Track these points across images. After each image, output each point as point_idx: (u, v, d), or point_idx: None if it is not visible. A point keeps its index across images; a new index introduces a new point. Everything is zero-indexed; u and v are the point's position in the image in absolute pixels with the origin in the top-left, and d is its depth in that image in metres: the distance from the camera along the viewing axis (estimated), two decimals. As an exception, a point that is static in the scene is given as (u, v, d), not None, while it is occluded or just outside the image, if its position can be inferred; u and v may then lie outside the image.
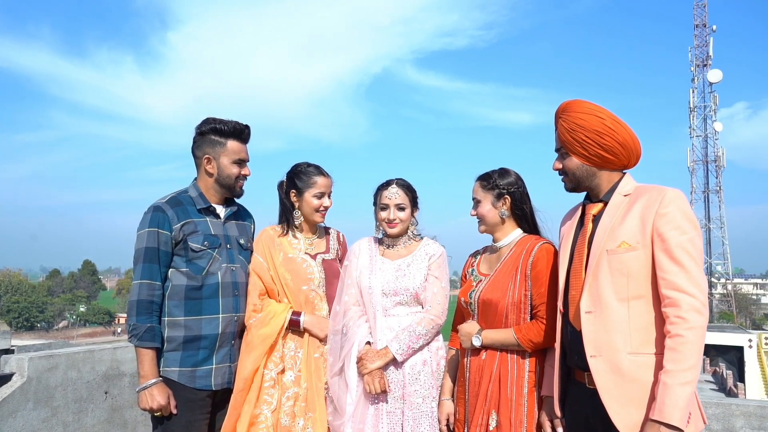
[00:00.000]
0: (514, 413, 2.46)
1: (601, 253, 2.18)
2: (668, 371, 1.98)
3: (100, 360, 3.54)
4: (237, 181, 2.85)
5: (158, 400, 2.57)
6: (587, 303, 2.18)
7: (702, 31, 47.86)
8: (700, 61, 47.95)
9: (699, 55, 47.87)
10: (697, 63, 48.09)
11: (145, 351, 2.60)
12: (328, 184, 3.03)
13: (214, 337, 2.70)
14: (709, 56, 46.84)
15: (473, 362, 2.61)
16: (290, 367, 2.86)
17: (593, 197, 2.35)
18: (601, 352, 2.13)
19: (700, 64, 48.02)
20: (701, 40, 48.01)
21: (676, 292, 2.02)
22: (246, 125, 2.84)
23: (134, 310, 2.62)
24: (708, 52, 47.00)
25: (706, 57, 47.28)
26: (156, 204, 2.73)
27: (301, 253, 3.00)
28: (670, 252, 2.06)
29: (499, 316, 2.55)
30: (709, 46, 46.87)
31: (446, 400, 2.78)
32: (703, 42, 47.91)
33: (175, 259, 2.71)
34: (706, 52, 47.25)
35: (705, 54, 47.36)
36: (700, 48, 47.83)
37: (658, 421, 1.95)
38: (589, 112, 2.27)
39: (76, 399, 3.40)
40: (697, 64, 48.09)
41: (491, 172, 2.73)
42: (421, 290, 2.90)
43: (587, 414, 2.22)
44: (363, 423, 2.80)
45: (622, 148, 2.25)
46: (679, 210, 2.09)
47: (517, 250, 2.62)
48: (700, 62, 47.96)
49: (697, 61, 48.01)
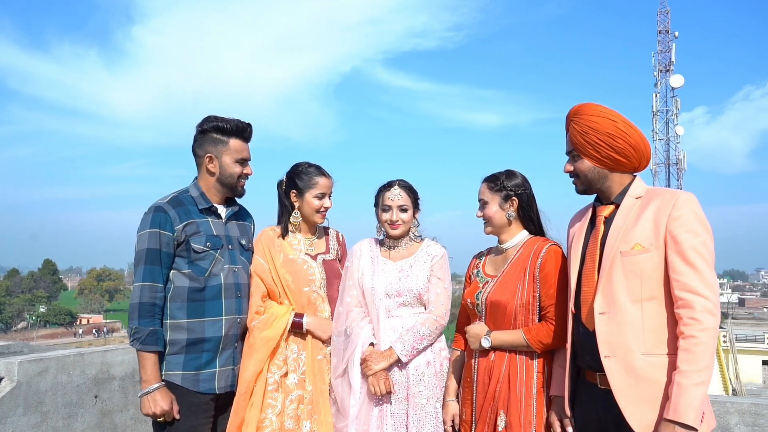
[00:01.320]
0: (524, 414, 2.48)
1: (614, 254, 2.20)
2: (682, 372, 2.01)
3: (90, 363, 3.45)
4: (239, 180, 2.80)
5: (161, 405, 2.51)
6: (601, 304, 2.21)
7: (665, 37, 48.94)
8: (663, 67, 48.99)
9: (662, 61, 48.89)
10: (660, 68, 49.12)
11: (148, 355, 2.54)
12: (329, 184, 3.01)
13: (217, 340, 2.65)
14: (672, 62, 47.91)
15: (481, 363, 2.62)
16: (293, 370, 2.82)
17: (604, 199, 2.38)
18: (615, 353, 2.16)
19: (662, 69, 49.06)
20: (664, 46, 49.06)
21: (689, 293, 2.06)
22: (248, 123, 2.80)
23: (136, 313, 2.55)
24: (670, 58, 48.05)
25: (669, 62, 48.33)
26: (157, 204, 2.67)
27: (302, 254, 2.97)
28: (683, 254, 2.09)
29: (508, 318, 2.56)
30: (672, 52, 47.93)
31: (451, 401, 2.78)
32: (666, 48, 48.96)
33: (177, 261, 2.65)
34: (669, 58, 48.30)
35: (668, 59, 48.40)
36: (663, 53, 48.87)
37: (673, 420, 1.98)
38: (602, 115, 2.30)
39: (66, 403, 3.30)
40: (660, 69, 49.12)
41: (498, 173, 2.74)
42: (424, 291, 2.89)
43: (599, 414, 2.25)
44: (367, 425, 2.78)
45: (634, 151, 2.28)
46: (692, 213, 2.13)
47: (524, 251, 2.64)
48: (663, 67, 49.01)
49: (660, 66, 49.04)
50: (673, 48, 46.83)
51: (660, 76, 48.69)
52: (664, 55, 48.21)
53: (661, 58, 48.36)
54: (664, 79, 48.14)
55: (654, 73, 48.47)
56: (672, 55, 46.79)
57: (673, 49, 46.82)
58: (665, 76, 48.21)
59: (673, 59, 46.63)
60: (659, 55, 48.45)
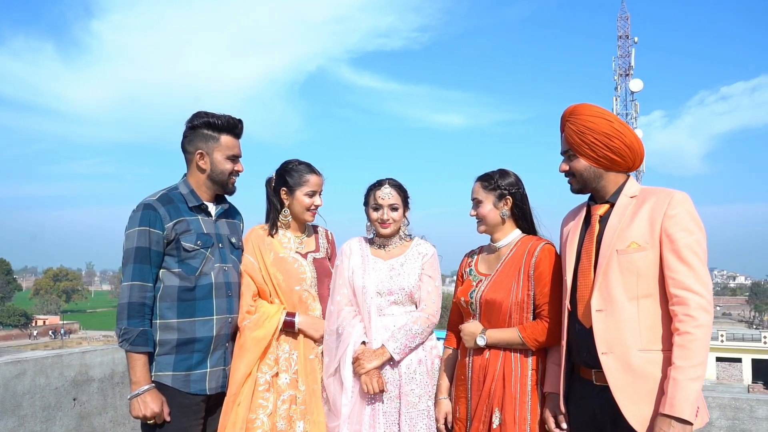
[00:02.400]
0: (519, 411, 2.50)
1: (611, 253, 2.24)
2: (678, 367, 2.05)
3: (68, 365, 3.34)
4: (230, 177, 2.76)
5: (151, 407, 2.45)
6: (598, 301, 2.24)
7: (625, 42, 50.02)
8: (623, 71, 50.07)
9: (622, 65, 49.96)
10: (620, 72, 50.18)
11: (138, 356, 2.48)
12: (320, 182, 2.98)
13: (208, 340, 2.60)
14: (631, 66, 49.02)
15: (476, 361, 2.63)
16: (285, 370, 2.79)
17: (598, 199, 2.41)
18: (612, 349, 2.20)
19: (622, 73, 50.13)
20: (624, 51, 50.15)
21: (684, 291, 2.10)
22: (239, 120, 2.76)
23: (125, 313, 2.49)
24: (630, 63, 49.16)
25: (629, 67, 49.42)
26: (146, 201, 2.60)
27: (292, 253, 2.94)
28: (678, 252, 2.14)
29: (503, 316, 2.58)
30: (631, 57, 49.06)
31: (443, 399, 2.79)
32: (625, 53, 50.05)
33: (167, 260, 2.59)
34: (629, 63, 49.39)
35: (627, 64, 49.48)
36: (623, 58, 49.95)
37: (668, 415, 2.03)
38: (598, 115, 2.34)
39: (44, 407, 3.19)
40: (620, 74, 50.19)
41: (491, 172, 2.75)
42: (416, 289, 2.90)
43: (595, 411, 2.28)
44: (359, 424, 2.77)
45: (629, 150, 2.32)
46: (687, 212, 2.18)
47: (518, 250, 2.66)
48: (623, 72, 50.08)
49: (620, 70, 50.11)
50: (633, 53, 48.00)
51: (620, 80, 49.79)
52: (624, 59, 49.32)
53: (621, 62, 49.45)
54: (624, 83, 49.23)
55: (614, 77, 49.57)
56: (631, 59, 47.94)
57: (633, 54, 47.99)
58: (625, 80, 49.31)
59: (632, 64, 47.78)
60: (619, 60, 49.55)
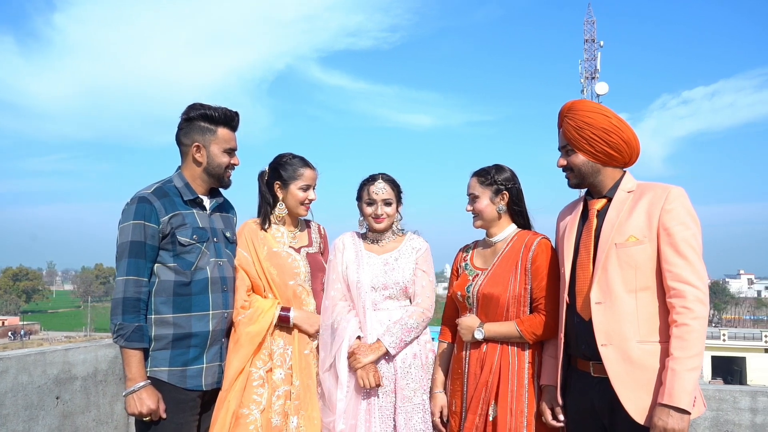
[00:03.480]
0: (515, 403, 2.52)
1: (609, 246, 2.28)
2: (676, 358, 2.10)
3: (51, 363, 3.25)
4: (226, 171, 2.72)
5: (147, 404, 2.40)
6: (597, 294, 2.28)
7: (591, 46, 50.85)
8: (589, 74, 50.85)
9: (588, 68, 50.76)
10: (586, 75, 50.96)
11: (133, 352, 2.43)
12: (314, 176, 2.96)
13: (205, 335, 2.57)
14: (597, 70, 49.85)
15: (473, 355, 2.65)
16: (279, 365, 2.76)
17: (595, 193, 2.45)
18: (611, 341, 2.23)
19: (588, 76, 50.92)
20: (590, 54, 50.97)
21: (681, 284, 2.15)
22: (236, 112, 2.72)
23: (120, 308, 2.43)
24: (596, 66, 49.98)
25: (594, 70, 50.24)
26: (141, 195, 2.55)
27: (286, 247, 2.92)
28: (675, 246, 2.19)
29: (501, 310, 2.60)
30: (597, 61, 49.89)
31: (439, 393, 2.80)
32: (591, 56, 50.86)
33: (162, 254, 2.54)
34: (595, 66, 50.21)
35: (593, 67, 50.29)
36: (589, 62, 50.75)
37: (667, 405, 2.07)
38: (596, 111, 2.38)
39: (27, 405, 3.10)
40: (586, 77, 50.97)
41: (488, 168, 2.77)
42: (410, 284, 2.91)
43: (593, 402, 2.32)
44: (355, 418, 2.77)
45: (626, 146, 2.37)
46: (683, 207, 2.23)
47: (515, 244, 2.68)
48: (589, 74, 50.87)
49: (587, 73, 50.90)
50: (599, 57, 48.83)
51: (586, 83, 50.60)
52: (590, 63, 50.15)
53: (587, 65, 50.27)
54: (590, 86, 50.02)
55: (581, 80, 50.37)
56: (597, 63, 48.77)
57: (599, 57, 48.82)
58: (591, 83, 50.11)
59: (598, 67, 48.60)
60: (585, 63, 50.36)
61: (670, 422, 2.05)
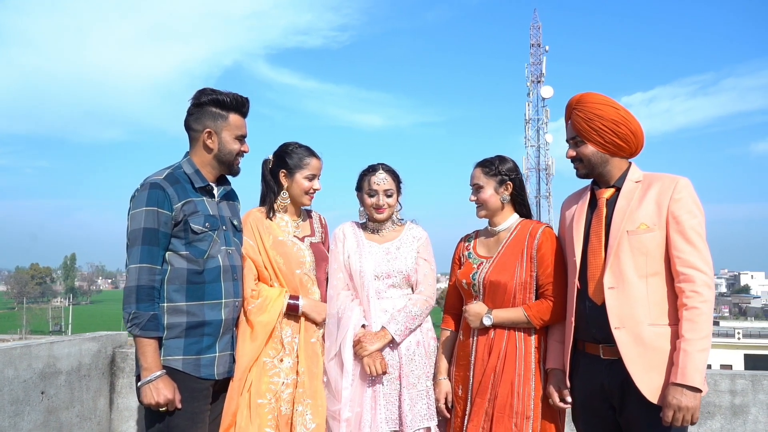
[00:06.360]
0: (523, 387, 2.59)
1: (621, 233, 2.37)
2: (687, 339, 2.21)
3: (36, 356, 3.12)
4: (236, 158, 2.68)
5: (164, 393, 2.35)
6: (610, 279, 2.37)
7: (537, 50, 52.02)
8: (535, 78, 52.01)
9: (534, 72, 51.90)
10: (532, 79, 52.09)
11: (149, 341, 2.37)
12: (320, 166, 2.96)
13: (218, 323, 2.53)
14: (543, 74, 51.05)
15: (480, 341, 2.70)
16: (288, 354, 2.76)
17: (602, 183, 2.54)
18: (624, 324, 2.33)
19: (534, 80, 52.08)
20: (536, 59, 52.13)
21: (690, 269, 2.27)
22: (246, 98, 2.68)
23: (134, 296, 2.37)
24: (542, 70, 51.17)
25: (540, 74, 51.41)
26: (153, 180, 2.48)
27: (291, 236, 2.91)
28: (684, 233, 2.30)
29: (508, 296, 2.66)
30: (543, 65, 51.10)
31: (443, 380, 2.85)
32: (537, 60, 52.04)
33: (173, 242, 2.49)
34: (540, 70, 51.38)
35: (539, 71, 51.45)
36: (535, 65, 51.90)
37: (681, 384, 2.18)
38: (605, 103, 2.47)
39: (12, 401, 2.96)
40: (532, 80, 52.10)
41: (491, 158, 2.83)
42: (413, 272, 2.95)
43: (603, 384, 2.41)
44: (360, 406, 2.79)
45: (634, 137, 2.47)
46: (690, 196, 2.35)
47: (519, 233, 2.75)
48: (535, 78, 52.02)
49: (532, 77, 52.03)
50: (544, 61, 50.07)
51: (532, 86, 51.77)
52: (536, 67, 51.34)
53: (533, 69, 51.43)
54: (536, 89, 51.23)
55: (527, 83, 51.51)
56: (543, 67, 49.99)
57: (544, 61, 50.06)
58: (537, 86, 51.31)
59: (544, 71, 49.83)
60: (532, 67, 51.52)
61: (684, 400, 2.16)
